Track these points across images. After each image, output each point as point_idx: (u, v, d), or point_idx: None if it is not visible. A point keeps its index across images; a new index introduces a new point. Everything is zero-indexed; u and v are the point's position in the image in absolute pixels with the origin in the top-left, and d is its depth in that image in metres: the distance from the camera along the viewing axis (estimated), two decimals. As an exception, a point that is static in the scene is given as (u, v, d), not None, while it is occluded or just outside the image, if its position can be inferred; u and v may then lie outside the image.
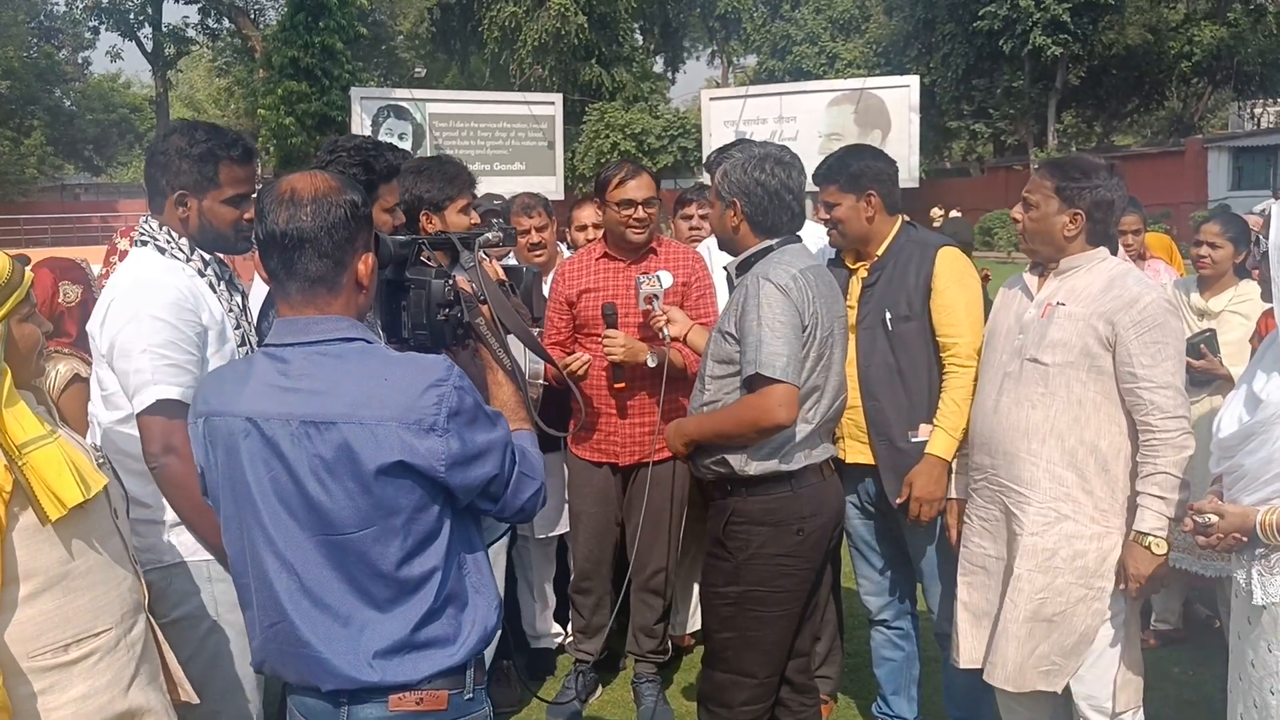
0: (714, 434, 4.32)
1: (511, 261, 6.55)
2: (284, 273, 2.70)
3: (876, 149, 5.24)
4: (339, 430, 2.57)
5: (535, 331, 5.65)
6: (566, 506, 6.13)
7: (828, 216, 5.10)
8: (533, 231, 6.48)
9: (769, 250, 4.40)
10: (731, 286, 4.56)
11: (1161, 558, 4.20)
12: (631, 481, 5.72)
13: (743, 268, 4.45)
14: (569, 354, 5.74)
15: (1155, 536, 4.17)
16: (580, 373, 5.57)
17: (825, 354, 4.33)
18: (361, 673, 2.66)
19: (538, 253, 6.50)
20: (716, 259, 5.97)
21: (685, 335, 5.27)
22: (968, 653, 4.68)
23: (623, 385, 5.61)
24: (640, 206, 5.66)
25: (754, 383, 4.16)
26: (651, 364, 5.44)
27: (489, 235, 3.25)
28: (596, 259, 5.85)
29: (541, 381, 5.71)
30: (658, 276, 5.42)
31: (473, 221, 5.00)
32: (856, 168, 5.03)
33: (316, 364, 2.66)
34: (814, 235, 5.56)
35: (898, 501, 4.95)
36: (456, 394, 2.62)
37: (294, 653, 2.71)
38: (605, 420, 5.78)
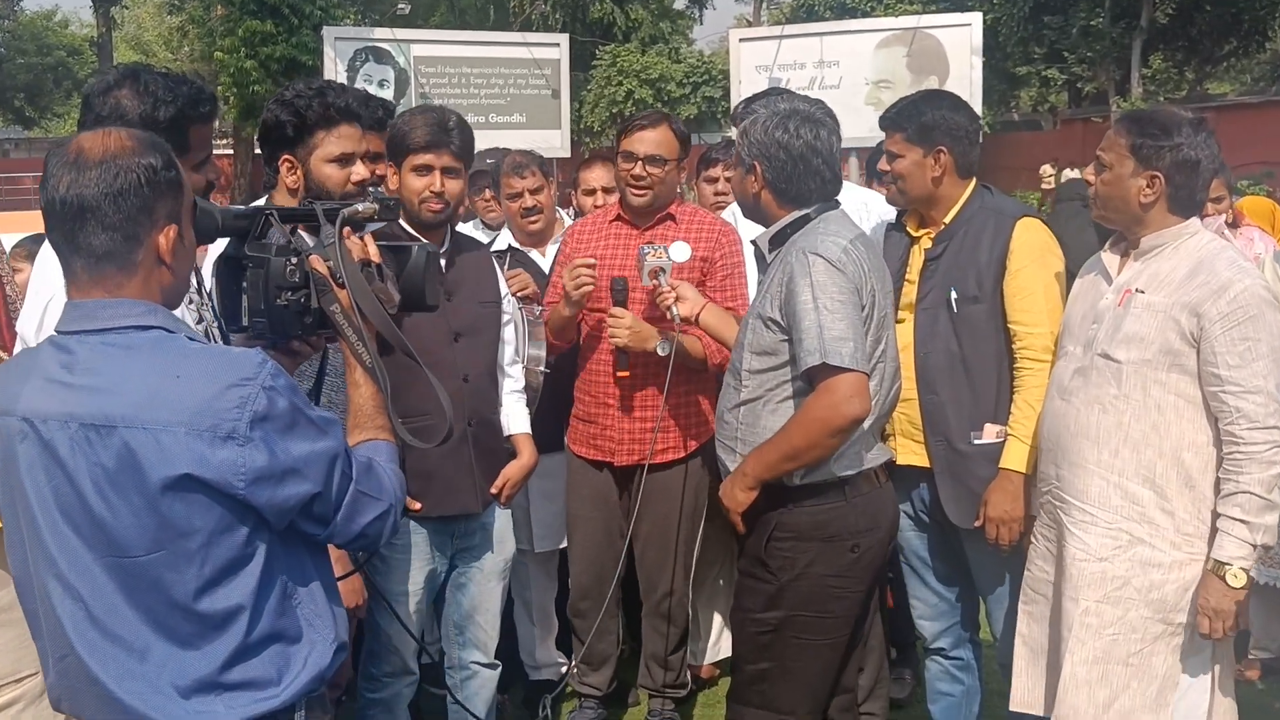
0: (782, 459, 4.25)
1: (482, 232, 6.52)
2: (67, 247, 2.65)
3: (958, 99, 5.19)
4: (119, 435, 2.51)
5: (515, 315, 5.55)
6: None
7: (889, 167, 5.08)
8: (525, 195, 6.44)
9: (805, 220, 4.38)
10: (761, 263, 4.53)
11: (1240, 591, 4.14)
12: (637, 486, 5.69)
13: (776, 241, 4.42)
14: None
15: (1234, 566, 4.11)
16: (582, 288, 5.46)
17: (882, 337, 4.32)
18: (161, 713, 2.60)
19: (533, 219, 6.48)
20: (745, 230, 5.92)
21: (697, 316, 5.18)
22: (1020, 694, 4.66)
23: (627, 374, 5.54)
24: (640, 163, 5.58)
25: (818, 375, 4.13)
26: (662, 352, 5.36)
27: (359, 207, 3.14)
28: (610, 222, 5.83)
29: (543, 369, 5.69)
30: (664, 248, 5.33)
31: (432, 187, 4.99)
32: (930, 118, 4.99)
33: (103, 356, 2.59)
34: (854, 200, 5.51)
35: (975, 524, 4.90)
36: (265, 395, 2.56)
37: (86, 690, 2.65)
38: (603, 412, 5.74)
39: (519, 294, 5.74)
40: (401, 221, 5.05)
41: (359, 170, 4.40)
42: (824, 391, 4.12)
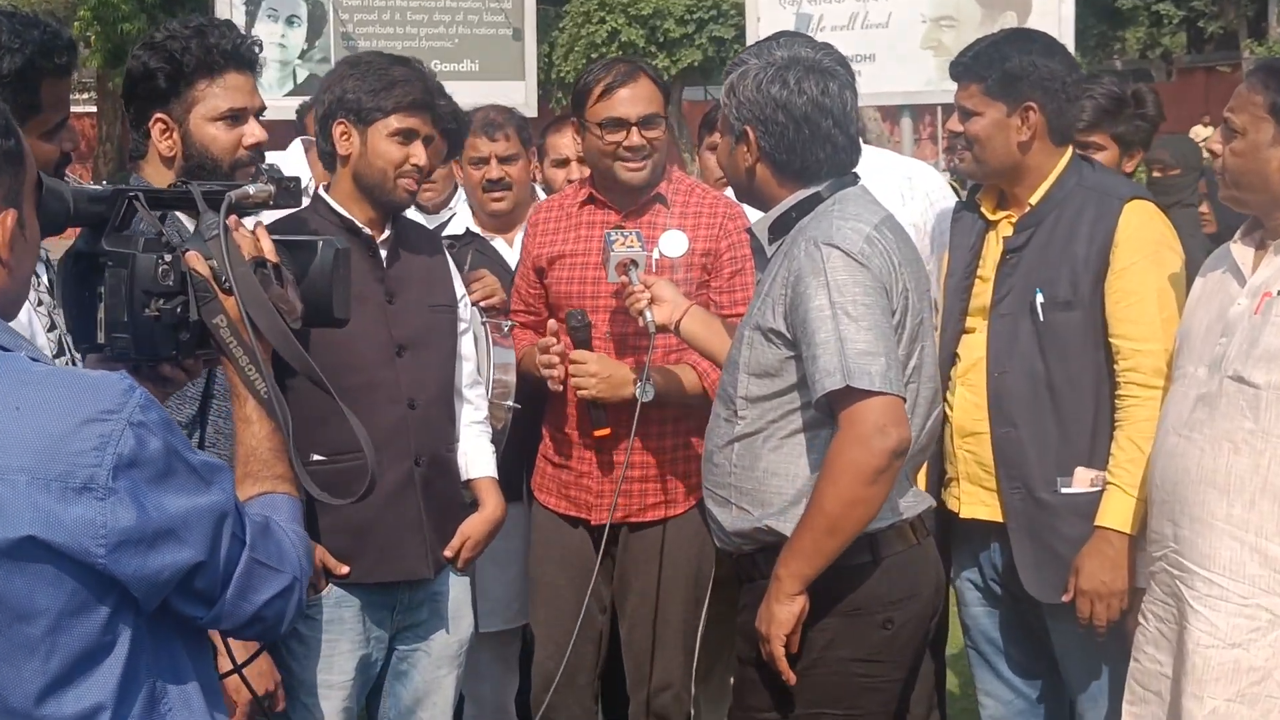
0: (820, 537, 4.16)
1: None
2: None
3: (1053, 42, 5.19)
4: None
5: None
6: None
7: (961, 128, 5.08)
8: (492, 162, 6.40)
9: (815, 201, 4.36)
10: (760, 258, 4.51)
11: None
12: (621, 549, 5.67)
13: (778, 229, 4.42)
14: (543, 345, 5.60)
15: None
16: (551, 379, 5.45)
17: (914, 351, 4.32)
18: None
19: (496, 195, 6.44)
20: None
21: (678, 323, 5.12)
22: None
23: (607, 431, 5.48)
24: (635, 130, 5.50)
25: (839, 402, 4.09)
26: (643, 398, 5.30)
27: (250, 189, 3.04)
28: (580, 206, 5.77)
29: (511, 403, 5.67)
30: (635, 233, 5.29)
31: (415, 159, 4.97)
32: (1016, 65, 4.96)
33: None
34: (894, 174, 5.49)
35: (1063, 598, 4.87)
36: (133, 434, 2.44)
37: None
38: (576, 456, 5.70)
39: (482, 303, 5.71)
40: (329, 200, 5.08)
41: (253, 131, 4.39)
42: (848, 425, 4.08)
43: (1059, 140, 5.00)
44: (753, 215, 4.62)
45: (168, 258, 2.85)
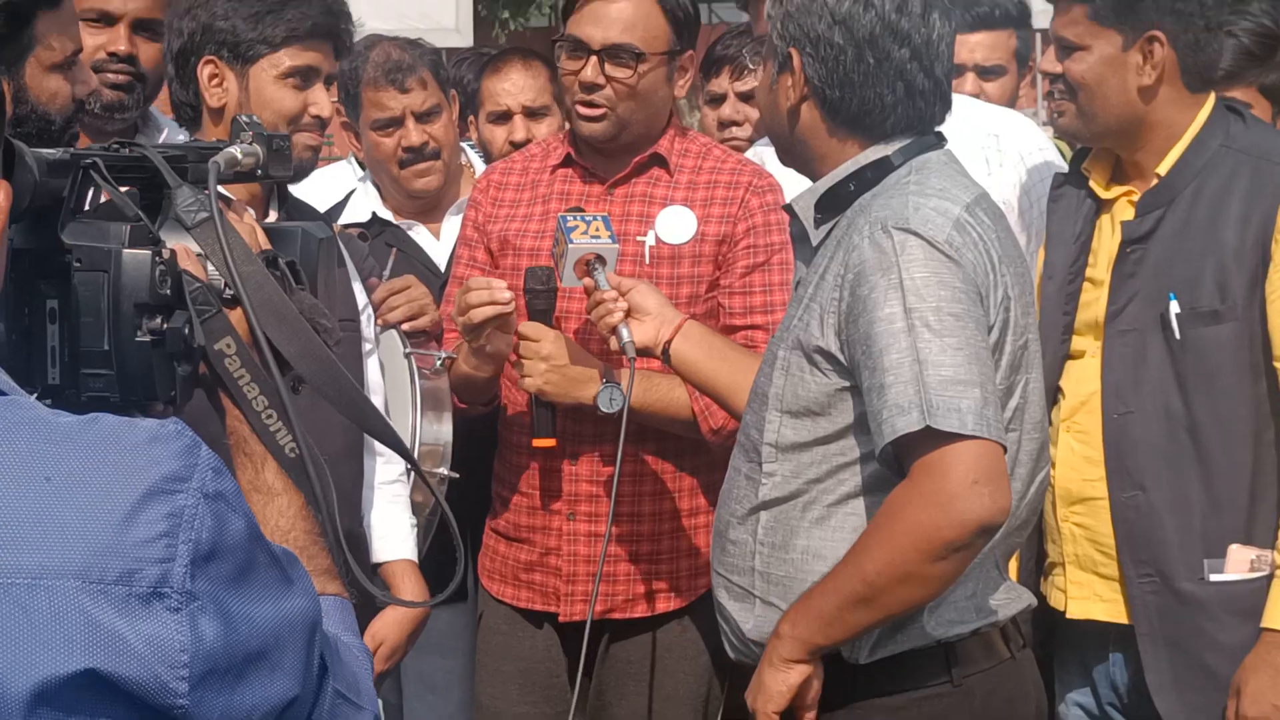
0: (849, 603, 4.12)
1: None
2: None
3: None
4: None
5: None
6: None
7: (1059, 69, 5.04)
8: (408, 123, 6.38)
9: (885, 168, 4.29)
10: (802, 247, 4.45)
11: None
12: (602, 655, 5.63)
13: (831, 204, 4.35)
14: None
15: None
16: (480, 312, 5.26)
17: (1017, 384, 4.26)
18: None
19: (422, 168, 6.44)
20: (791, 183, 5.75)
21: (666, 345, 5.02)
22: None
23: (551, 442, 5.42)
24: (592, 61, 5.41)
25: (914, 448, 4.00)
26: (606, 408, 5.24)
27: (237, 152, 2.92)
28: (552, 169, 5.72)
29: (445, 470, 5.62)
30: (602, 218, 5.18)
31: (315, 108, 4.96)
32: None
33: None
34: (975, 129, 5.46)
35: None
36: (210, 511, 2.18)
37: None
38: (539, 525, 5.66)
39: (404, 324, 5.64)
40: None
41: (85, 78, 4.35)
42: (925, 476, 4.00)
43: (1196, 85, 4.97)
44: (796, 187, 4.52)
45: (166, 254, 2.64)
